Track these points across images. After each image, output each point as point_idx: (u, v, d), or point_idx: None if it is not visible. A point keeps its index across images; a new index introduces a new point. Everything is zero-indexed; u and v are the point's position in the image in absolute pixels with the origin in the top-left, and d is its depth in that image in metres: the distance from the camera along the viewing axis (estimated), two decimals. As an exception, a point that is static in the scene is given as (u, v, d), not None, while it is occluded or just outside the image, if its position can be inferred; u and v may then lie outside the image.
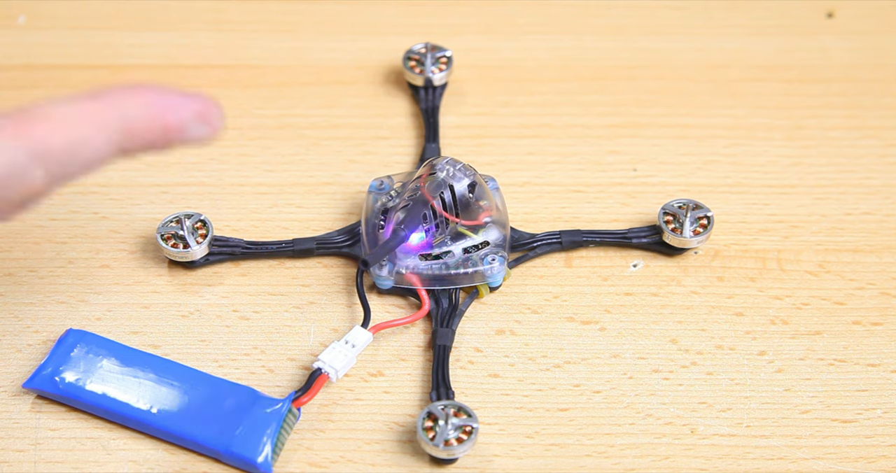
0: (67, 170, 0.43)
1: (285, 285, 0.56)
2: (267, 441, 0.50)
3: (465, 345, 0.55)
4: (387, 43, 0.66)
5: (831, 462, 0.51)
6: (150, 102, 0.45)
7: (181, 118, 0.45)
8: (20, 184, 0.42)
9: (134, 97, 0.44)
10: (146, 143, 0.45)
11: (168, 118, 0.45)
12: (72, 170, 0.43)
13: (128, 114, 0.44)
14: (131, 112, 0.44)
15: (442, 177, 0.54)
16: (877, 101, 0.65)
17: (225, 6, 0.68)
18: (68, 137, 0.42)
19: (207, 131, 0.46)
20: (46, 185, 0.43)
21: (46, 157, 0.42)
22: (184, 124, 0.45)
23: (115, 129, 0.44)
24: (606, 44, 0.67)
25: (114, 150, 0.44)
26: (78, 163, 0.43)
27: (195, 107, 0.45)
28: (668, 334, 0.55)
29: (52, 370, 0.52)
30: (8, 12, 0.67)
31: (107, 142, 0.43)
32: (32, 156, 0.42)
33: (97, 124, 0.43)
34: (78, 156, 0.43)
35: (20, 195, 0.42)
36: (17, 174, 0.42)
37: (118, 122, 0.44)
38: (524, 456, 0.52)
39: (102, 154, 0.44)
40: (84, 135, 0.43)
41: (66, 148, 0.42)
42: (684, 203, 0.57)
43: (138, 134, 0.44)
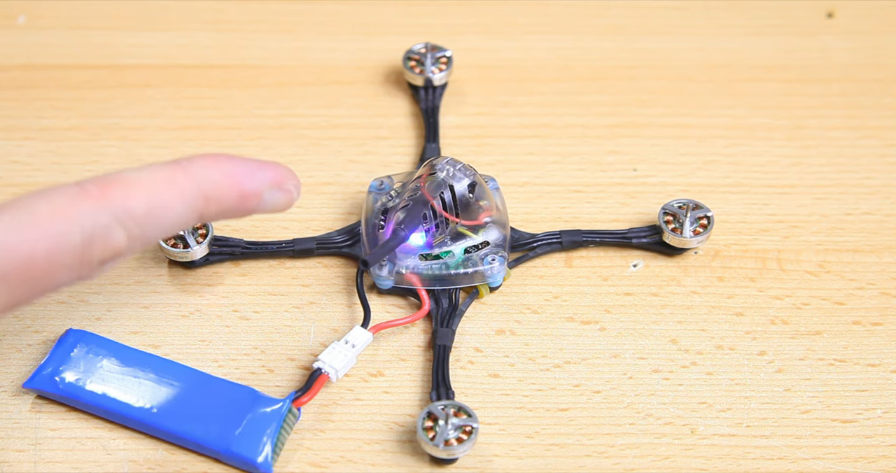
0: (147, 234, 0.45)
1: (285, 285, 0.56)
2: (267, 441, 0.50)
3: (465, 345, 0.55)
4: (387, 43, 0.66)
5: (831, 462, 0.51)
6: (229, 170, 0.46)
7: (258, 186, 0.47)
8: (103, 245, 0.43)
9: (213, 165, 0.46)
10: (224, 209, 0.47)
11: (245, 185, 0.47)
12: (151, 234, 0.45)
13: (207, 181, 0.46)
14: (210, 179, 0.46)
15: (442, 177, 0.54)
16: (877, 101, 0.65)
17: (225, 6, 0.68)
18: (150, 202, 0.44)
19: (283, 198, 0.48)
20: (127, 247, 0.44)
21: (128, 220, 0.44)
22: (260, 191, 0.47)
23: (194, 196, 0.45)
24: (606, 44, 0.67)
25: (193, 215, 0.46)
26: (158, 226, 0.45)
27: (271, 175, 0.47)
28: (668, 334, 0.55)
29: (52, 370, 0.52)
30: (8, 12, 0.67)
31: (186, 208, 0.45)
32: (115, 218, 0.43)
33: (177, 190, 0.45)
34: (158, 220, 0.45)
35: (101, 256, 0.44)
36: (101, 235, 0.43)
37: (197, 189, 0.45)
38: (524, 456, 0.52)
39: (182, 218, 0.45)
40: (165, 201, 0.45)
41: (148, 212, 0.44)
42: (684, 203, 0.57)
43: (216, 200, 0.46)
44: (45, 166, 0.60)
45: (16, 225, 0.42)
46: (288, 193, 0.48)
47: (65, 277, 0.43)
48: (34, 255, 0.42)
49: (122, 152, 0.61)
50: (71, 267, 0.43)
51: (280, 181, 0.48)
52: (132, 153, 0.61)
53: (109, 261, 0.44)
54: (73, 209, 0.43)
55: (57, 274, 0.43)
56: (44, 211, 0.43)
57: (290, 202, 0.48)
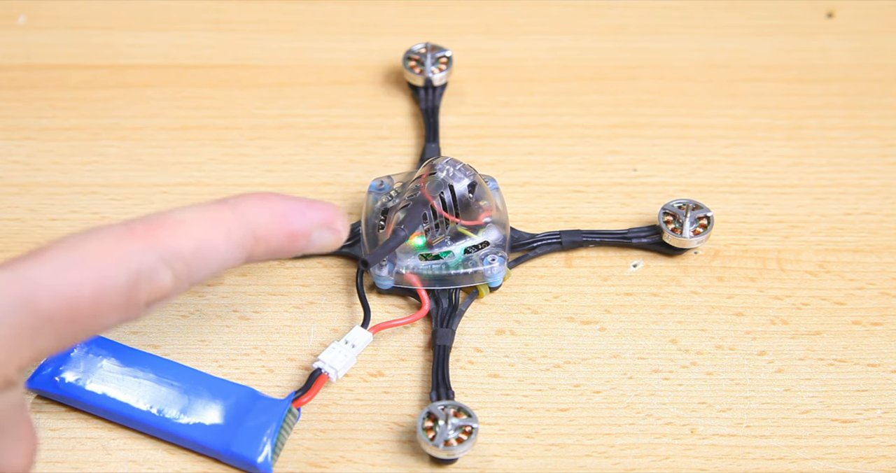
0: (194, 274, 0.44)
1: (285, 285, 0.56)
2: (267, 441, 0.50)
3: (465, 345, 0.55)
4: (387, 43, 0.66)
5: (831, 462, 0.51)
6: (277, 210, 0.46)
7: (307, 225, 0.46)
8: (149, 286, 0.43)
9: (263, 205, 0.46)
10: (272, 249, 0.46)
11: (294, 225, 0.46)
12: (199, 274, 0.44)
13: (255, 221, 0.45)
14: (259, 219, 0.45)
15: (442, 177, 0.54)
16: (877, 101, 0.65)
17: (225, 6, 0.68)
18: (197, 243, 0.44)
19: (332, 238, 0.47)
20: (173, 288, 0.44)
21: (175, 261, 0.43)
22: (309, 231, 0.47)
23: (242, 236, 0.45)
24: (606, 44, 0.67)
25: (241, 255, 0.45)
26: (205, 267, 0.44)
27: (321, 215, 0.47)
28: (668, 334, 0.55)
29: (52, 370, 0.52)
30: (8, 12, 0.67)
31: (234, 248, 0.45)
32: (162, 259, 0.43)
33: (225, 230, 0.44)
34: (206, 260, 0.44)
35: (148, 297, 0.43)
36: (147, 276, 0.42)
37: (245, 229, 0.45)
38: (524, 456, 0.52)
39: (229, 258, 0.45)
40: (212, 241, 0.44)
41: (195, 252, 0.44)
42: (684, 203, 0.57)
43: (265, 240, 0.45)
44: (45, 166, 0.60)
45: (63, 266, 0.41)
46: (336, 233, 0.47)
47: (111, 319, 0.42)
48: (80, 297, 0.41)
49: (122, 152, 0.61)
50: (118, 309, 0.42)
51: (329, 221, 0.47)
52: (132, 153, 0.61)
53: (156, 302, 0.43)
54: (119, 249, 0.42)
55: (103, 316, 0.42)
56: (91, 251, 0.42)
57: (338, 242, 0.48)
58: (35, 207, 0.59)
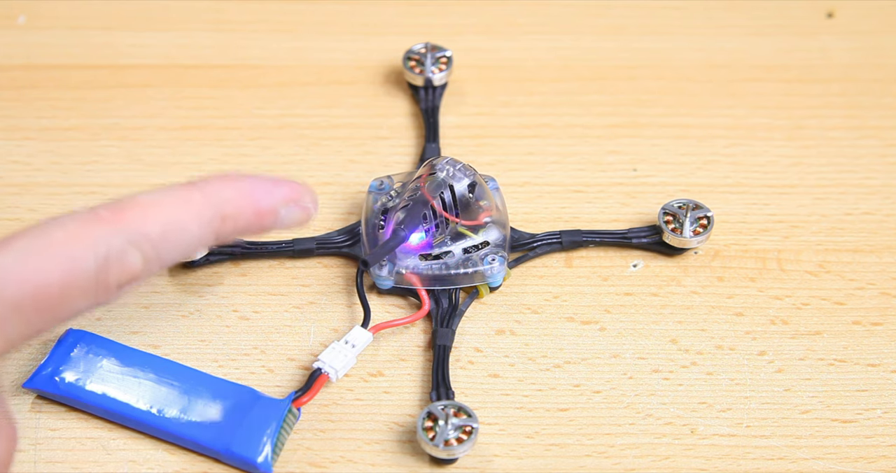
0: (163, 255, 0.44)
1: (285, 285, 0.56)
2: (267, 441, 0.50)
3: (465, 345, 0.55)
4: (387, 43, 0.66)
5: (831, 462, 0.51)
6: (243, 189, 0.47)
7: (273, 202, 0.47)
8: (119, 269, 0.43)
9: (229, 184, 0.46)
10: (240, 227, 0.47)
11: (261, 203, 0.47)
12: (168, 255, 0.45)
13: (222, 201, 0.46)
14: (226, 198, 0.46)
15: (442, 177, 0.54)
16: (877, 101, 0.65)
17: (225, 6, 0.68)
18: (165, 224, 0.44)
19: (300, 214, 0.48)
20: (143, 270, 0.44)
21: (144, 243, 0.44)
22: (276, 208, 0.47)
23: (210, 216, 0.45)
24: (606, 44, 0.67)
25: (210, 235, 0.46)
26: (174, 248, 0.45)
27: (287, 191, 0.48)
28: (668, 334, 0.55)
29: (52, 370, 0.52)
30: (8, 12, 0.67)
31: (202, 228, 0.45)
32: (130, 241, 0.43)
33: (193, 211, 0.45)
34: (175, 241, 0.45)
35: (118, 279, 0.43)
36: (116, 259, 0.43)
37: (213, 209, 0.45)
38: (524, 456, 0.52)
39: (198, 239, 0.45)
40: (180, 222, 0.45)
41: (163, 234, 0.44)
42: (684, 203, 0.57)
43: (233, 219, 0.46)
44: (45, 166, 0.60)
45: (29, 252, 0.42)
46: (305, 209, 0.48)
47: (81, 303, 0.43)
48: (48, 283, 0.42)
49: (122, 152, 0.61)
50: (87, 293, 0.43)
51: (296, 197, 0.48)
52: (132, 153, 0.61)
53: (127, 285, 0.44)
54: (86, 234, 0.43)
55: (73, 301, 0.43)
56: (57, 237, 0.42)
57: (306, 217, 0.48)
58: (35, 207, 0.59)
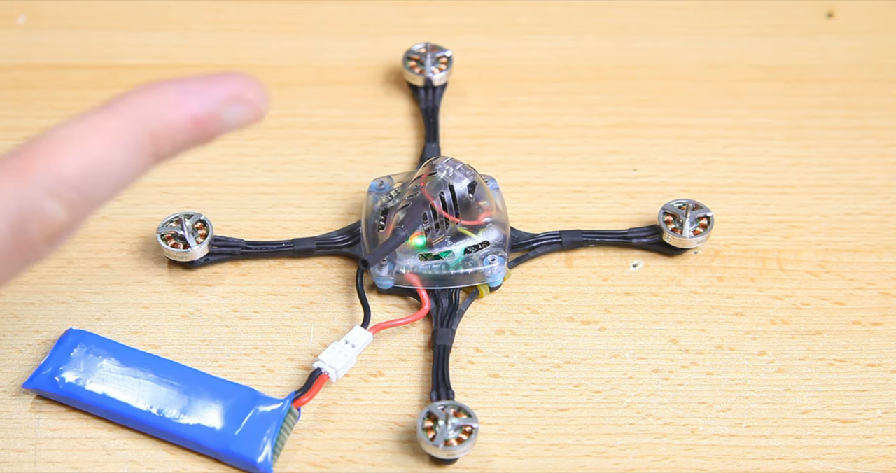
0: (92, 196, 0.39)
1: (285, 285, 0.56)
2: (267, 441, 0.50)
3: (465, 345, 0.55)
4: (387, 43, 0.66)
5: (831, 462, 0.51)
6: (171, 98, 0.40)
7: (210, 106, 0.41)
8: (39, 223, 0.38)
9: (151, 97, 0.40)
10: (181, 142, 0.41)
11: (195, 110, 0.40)
12: (98, 194, 0.39)
13: (146, 117, 0.40)
14: (152, 114, 0.40)
15: (442, 177, 0.54)
16: (877, 101, 0.65)
17: (225, 6, 0.68)
18: (83, 162, 0.39)
19: (248, 112, 0.41)
20: (71, 218, 0.39)
21: (62, 189, 0.38)
22: (216, 111, 0.41)
23: (136, 138, 0.39)
24: (606, 44, 0.67)
25: (144, 160, 0.40)
26: (103, 184, 0.39)
27: (224, 89, 0.41)
28: (668, 334, 0.55)
29: (52, 370, 0.52)
30: (8, 12, 0.67)
31: (131, 154, 0.39)
32: (46, 190, 0.38)
33: (113, 139, 0.39)
34: (101, 177, 0.39)
35: (44, 233, 0.39)
36: (32, 213, 0.38)
37: (137, 130, 0.39)
38: (524, 456, 0.52)
39: (130, 168, 0.40)
40: (101, 155, 0.39)
41: (84, 173, 0.39)
42: (684, 203, 0.57)
43: (167, 135, 0.40)
44: (45, 166, 0.60)
45: None
46: (251, 104, 0.41)
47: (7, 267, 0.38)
48: None
49: (122, 152, 0.61)
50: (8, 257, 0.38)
51: (236, 93, 0.41)
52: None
53: (58, 237, 0.39)
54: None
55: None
56: None
57: (257, 113, 0.42)
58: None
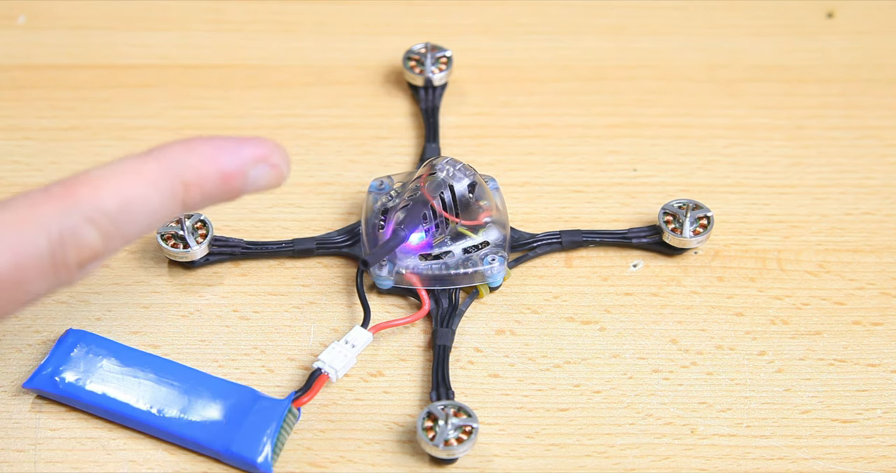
0: (125, 229, 0.43)
1: (285, 285, 0.56)
2: (267, 441, 0.50)
3: (465, 345, 0.55)
4: (387, 43, 0.66)
5: (831, 462, 0.51)
6: (205, 153, 0.44)
7: (240, 164, 0.45)
8: (76, 248, 0.42)
9: (188, 149, 0.44)
10: (208, 194, 0.44)
11: (226, 165, 0.44)
12: (130, 229, 0.43)
13: (181, 166, 0.43)
14: (186, 164, 0.44)
15: (442, 177, 0.54)
16: (877, 101, 0.65)
17: (225, 6, 0.68)
18: (122, 197, 0.42)
19: (271, 174, 0.46)
20: (104, 247, 0.43)
21: (100, 218, 0.42)
22: (244, 170, 0.45)
23: (170, 184, 0.43)
24: (606, 44, 0.67)
25: (173, 205, 0.44)
26: (135, 220, 0.43)
27: (254, 151, 0.45)
28: (668, 334, 0.55)
29: (52, 370, 0.52)
30: (8, 12, 0.67)
31: (163, 197, 0.43)
32: (85, 218, 0.42)
33: (150, 181, 0.43)
34: (135, 214, 0.43)
35: (78, 258, 0.42)
36: (71, 237, 0.42)
37: (172, 176, 0.43)
38: (524, 456, 0.52)
39: (161, 209, 0.43)
40: (138, 193, 0.43)
41: (120, 207, 0.42)
42: (684, 203, 0.57)
43: (197, 185, 0.44)
44: (44, 166, 0.60)
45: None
46: (276, 168, 0.46)
47: (40, 285, 0.42)
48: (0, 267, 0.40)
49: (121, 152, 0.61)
50: (44, 275, 0.42)
51: (264, 156, 0.45)
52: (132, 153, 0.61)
53: (88, 263, 0.42)
54: (36, 214, 0.41)
55: (30, 284, 0.41)
56: (5, 220, 0.41)
57: (279, 177, 0.46)
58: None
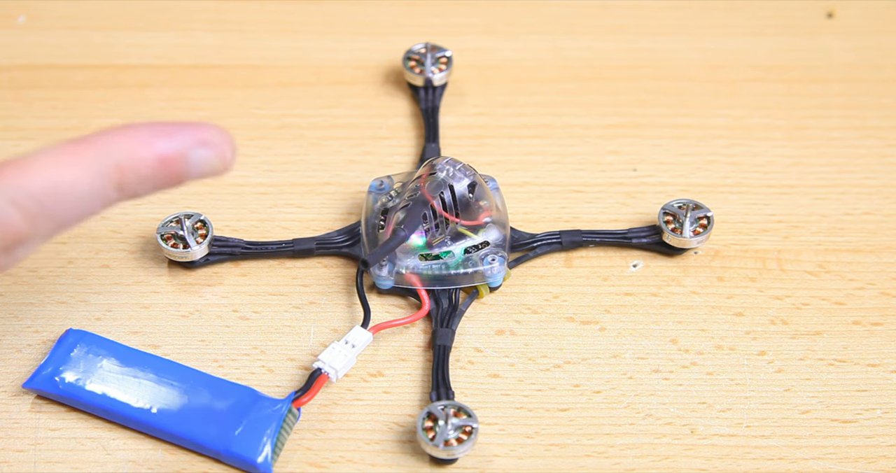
0: (54, 213, 0.42)
1: (285, 285, 0.56)
2: (267, 441, 0.50)
3: (465, 345, 0.55)
4: (387, 43, 0.66)
5: (831, 462, 0.51)
6: (141, 136, 0.43)
7: (177, 147, 0.43)
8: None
9: (123, 133, 0.43)
10: (145, 178, 0.43)
11: (162, 149, 0.43)
12: (61, 212, 0.42)
13: (115, 150, 0.43)
14: (121, 147, 0.43)
15: (442, 177, 0.54)
16: (877, 101, 0.65)
17: (225, 6, 0.68)
18: (49, 179, 0.42)
19: (214, 157, 0.44)
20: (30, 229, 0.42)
21: (24, 199, 0.41)
22: (183, 153, 0.44)
23: (103, 167, 0.42)
24: (606, 44, 0.67)
25: (107, 188, 0.43)
26: (65, 203, 0.42)
27: (193, 133, 0.44)
28: (668, 334, 0.55)
29: (52, 370, 0.52)
30: (8, 12, 0.67)
31: (95, 180, 0.42)
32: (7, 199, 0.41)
33: (80, 162, 0.42)
34: (64, 196, 0.42)
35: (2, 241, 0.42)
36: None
37: (105, 160, 0.42)
38: (524, 456, 0.52)
39: (94, 192, 0.42)
40: (67, 175, 0.42)
41: (47, 188, 0.41)
42: (684, 203, 0.57)
43: (132, 168, 0.43)
44: (44, 166, 0.60)
45: None
46: (218, 150, 0.44)
47: None
48: None
49: (121, 152, 0.61)
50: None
51: (205, 138, 0.44)
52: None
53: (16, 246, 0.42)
54: None
55: None
56: None
57: (224, 161, 0.44)
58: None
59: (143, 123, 0.44)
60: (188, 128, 0.44)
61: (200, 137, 0.44)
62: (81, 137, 0.43)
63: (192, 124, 0.44)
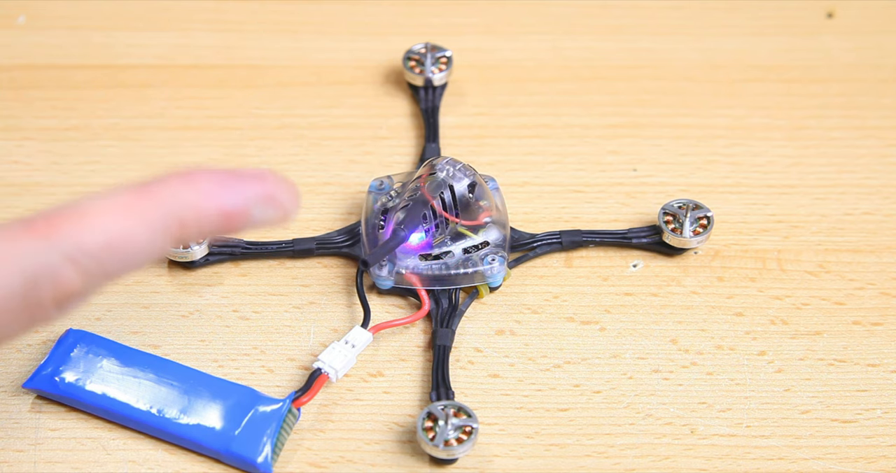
0: (109, 268, 0.40)
1: (285, 285, 0.56)
2: (267, 441, 0.50)
3: (465, 345, 0.55)
4: (387, 43, 0.66)
5: (831, 462, 0.51)
6: (205, 189, 0.41)
7: (241, 203, 0.42)
8: (52, 287, 0.39)
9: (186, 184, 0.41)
10: (206, 231, 0.42)
11: (227, 204, 0.42)
12: (115, 268, 0.40)
13: (178, 204, 0.41)
14: (184, 201, 0.41)
15: (442, 177, 0.54)
16: (877, 101, 0.65)
17: (225, 6, 0.68)
18: (107, 235, 0.40)
19: (276, 213, 0.43)
20: (84, 285, 0.40)
21: (81, 257, 0.39)
22: (246, 208, 0.42)
23: (164, 223, 0.41)
24: (606, 44, 0.67)
25: (166, 242, 0.41)
26: (122, 259, 0.40)
27: (258, 188, 0.42)
28: (668, 334, 0.55)
29: (52, 370, 0.52)
30: (8, 12, 0.67)
31: (155, 236, 0.41)
32: (64, 256, 0.39)
33: (141, 219, 0.40)
34: (121, 252, 0.40)
35: (54, 298, 0.40)
36: (47, 276, 0.39)
37: (167, 215, 0.41)
38: (524, 456, 0.52)
39: (152, 248, 0.41)
40: (125, 231, 0.40)
41: (105, 245, 0.40)
42: (684, 203, 0.57)
43: (194, 223, 0.41)
44: (44, 166, 0.60)
45: None
46: (282, 207, 0.43)
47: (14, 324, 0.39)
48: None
49: (121, 152, 0.61)
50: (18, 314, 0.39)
51: (269, 194, 0.42)
52: (132, 153, 0.61)
53: (67, 302, 0.40)
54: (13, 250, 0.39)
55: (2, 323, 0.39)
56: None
57: (284, 216, 0.43)
58: (34, 207, 0.59)
59: (206, 171, 0.42)
60: (254, 180, 0.42)
61: (266, 193, 0.42)
62: (141, 184, 0.41)
63: (257, 174, 0.43)
